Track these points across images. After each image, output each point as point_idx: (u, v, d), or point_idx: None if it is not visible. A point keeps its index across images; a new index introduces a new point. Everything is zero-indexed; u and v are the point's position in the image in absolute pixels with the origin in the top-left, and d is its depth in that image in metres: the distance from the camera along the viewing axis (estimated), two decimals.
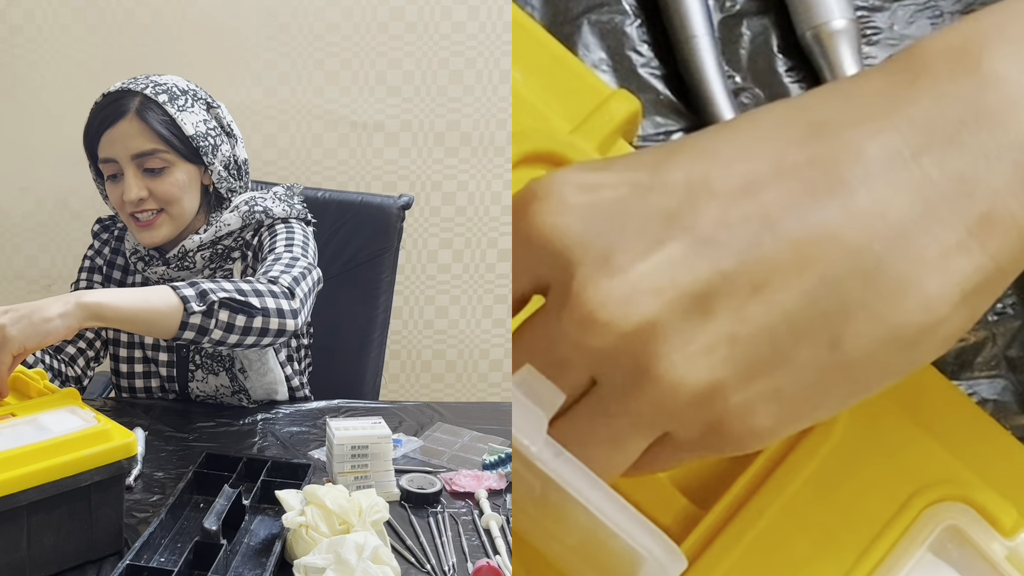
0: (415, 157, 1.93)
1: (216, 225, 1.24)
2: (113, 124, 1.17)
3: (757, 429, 0.46)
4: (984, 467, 0.60)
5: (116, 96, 1.19)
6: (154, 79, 1.21)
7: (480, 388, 2.09)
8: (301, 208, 1.29)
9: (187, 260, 1.24)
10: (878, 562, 0.58)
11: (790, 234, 0.44)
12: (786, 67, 0.75)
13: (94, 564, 0.87)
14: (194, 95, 1.23)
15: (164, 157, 1.18)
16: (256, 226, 1.25)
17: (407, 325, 2.03)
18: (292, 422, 1.22)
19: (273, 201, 1.26)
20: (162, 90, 1.20)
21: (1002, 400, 0.65)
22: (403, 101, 1.90)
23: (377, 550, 0.80)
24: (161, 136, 1.18)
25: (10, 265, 1.88)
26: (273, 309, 1.04)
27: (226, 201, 1.26)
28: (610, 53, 0.72)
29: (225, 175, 1.24)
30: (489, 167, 1.96)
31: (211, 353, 1.26)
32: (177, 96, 1.20)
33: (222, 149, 1.23)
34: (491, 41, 1.90)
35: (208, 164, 1.22)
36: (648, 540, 0.49)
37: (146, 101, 1.18)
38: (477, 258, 2.01)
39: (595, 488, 0.49)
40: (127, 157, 1.18)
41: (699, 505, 0.61)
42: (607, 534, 0.49)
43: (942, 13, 0.75)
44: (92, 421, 0.87)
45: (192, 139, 1.19)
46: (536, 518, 0.52)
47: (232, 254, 1.26)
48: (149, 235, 1.21)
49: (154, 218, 1.20)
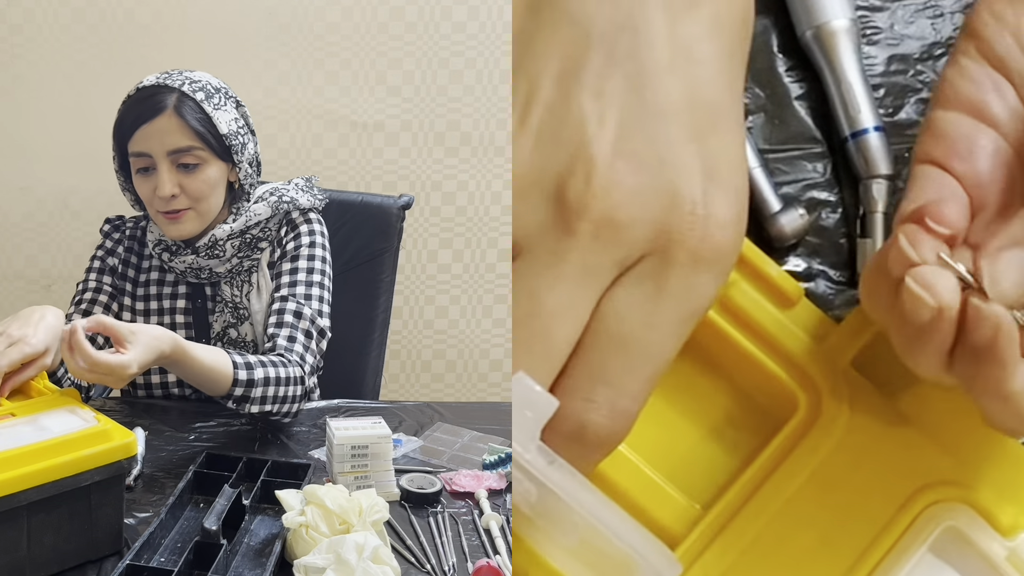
0: (415, 157, 1.93)
1: (246, 215, 1.26)
2: (151, 119, 1.18)
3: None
4: (984, 468, 0.60)
5: (152, 91, 1.19)
6: (188, 75, 1.22)
7: (480, 388, 2.09)
8: (321, 199, 1.33)
9: (217, 249, 1.25)
10: (878, 562, 0.58)
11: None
12: (786, 67, 0.75)
13: (94, 564, 0.87)
14: (226, 93, 1.24)
15: (198, 154, 1.19)
16: (283, 216, 1.29)
17: (407, 325, 2.02)
18: (292, 422, 1.21)
19: (297, 192, 1.30)
20: (198, 87, 1.20)
21: None
22: (403, 101, 1.90)
23: (377, 550, 0.80)
24: (198, 133, 1.19)
25: (10, 265, 1.88)
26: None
27: (245, 195, 1.27)
28: None
29: (249, 172, 1.26)
30: (489, 167, 1.96)
31: (234, 339, 1.27)
32: (212, 94, 1.21)
33: (248, 147, 1.25)
34: (491, 41, 1.90)
35: (237, 162, 1.24)
36: (642, 545, 0.49)
37: (183, 98, 1.19)
38: (477, 258, 2.01)
39: (588, 494, 0.49)
40: (163, 153, 1.18)
41: (700, 505, 0.61)
42: (602, 539, 0.49)
43: (942, 13, 0.75)
44: (92, 421, 0.87)
45: (225, 137, 1.21)
46: (534, 521, 0.52)
47: (260, 244, 1.28)
48: (177, 228, 1.22)
49: (181, 212, 1.21)
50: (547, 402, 0.50)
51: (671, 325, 0.54)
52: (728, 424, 0.65)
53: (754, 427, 0.64)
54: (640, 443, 0.62)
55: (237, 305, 1.27)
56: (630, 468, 0.62)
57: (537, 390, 0.49)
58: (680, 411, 0.65)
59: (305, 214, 1.30)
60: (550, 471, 0.49)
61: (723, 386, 0.66)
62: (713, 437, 0.65)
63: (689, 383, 0.65)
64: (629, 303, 0.54)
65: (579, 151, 0.54)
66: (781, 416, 0.62)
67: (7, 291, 1.88)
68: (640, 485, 0.61)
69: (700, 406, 0.65)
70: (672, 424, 0.65)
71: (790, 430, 0.61)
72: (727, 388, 0.66)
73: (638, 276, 0.54)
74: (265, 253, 1.29)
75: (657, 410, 0.64)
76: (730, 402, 0.65)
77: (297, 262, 1.27)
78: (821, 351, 0.63)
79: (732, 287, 0.63)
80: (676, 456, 0.64)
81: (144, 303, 1.30)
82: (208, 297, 1.30)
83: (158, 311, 1.30)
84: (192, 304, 1.30)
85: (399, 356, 2.03)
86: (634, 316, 0.54)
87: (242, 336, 1.28)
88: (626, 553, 0.49)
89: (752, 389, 0.65)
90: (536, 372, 0.51)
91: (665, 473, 0.63)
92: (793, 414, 0.62)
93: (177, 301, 1.30)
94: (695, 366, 0.65)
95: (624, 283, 0.54)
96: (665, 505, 0.61)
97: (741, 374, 0.65)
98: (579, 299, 0.53)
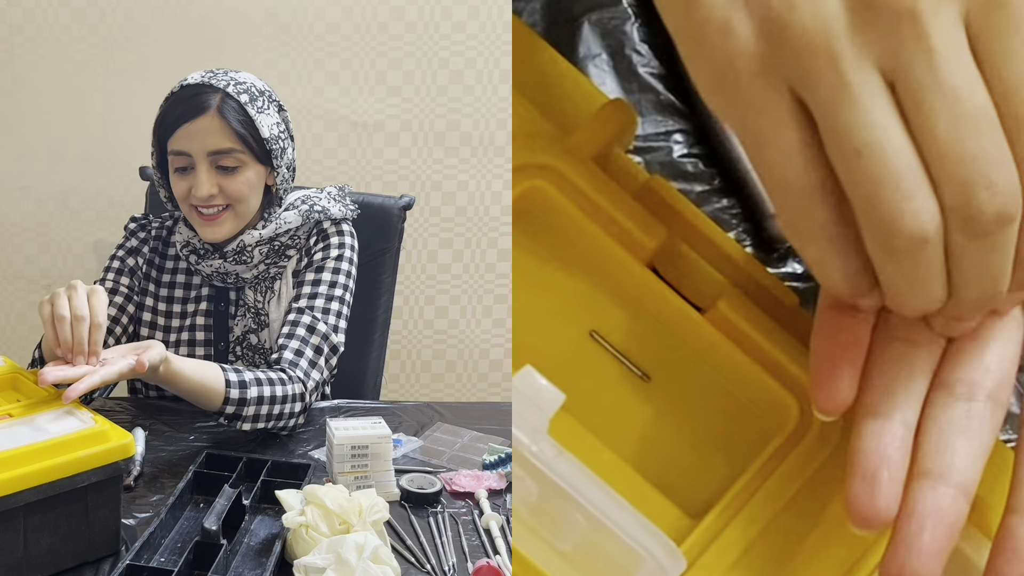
0: (415, 157, 1.93)
1: (276, 222, 1.25)
2: (193, 119, 1.17)
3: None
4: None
5: (196, 90, 1.19)
6: (233, 76, 1.21)
7: (480, 388, 2.09)
8: (353, 209, 1.32)
9: (244, 255, 1.25)
10: (872, 571, 0.58)
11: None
12: None
13: (91, 565, 0.87)
14: (269, 97, 1.23)
15: (239, 157, 1.19)
16: (314, 225, 1.28)
17: (407, 325, 2.02)
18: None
19: (329, 201, 1.29)
20: (243, 89, 1.20)
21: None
22: (403, 101, 1.90)
23: (377, 550, 0.80)
24: (239, 136, 1.18)
25: (10, 265, 1.88)
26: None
27: (278, 200, 1.27)
28: (610, 53, 0.72)
29: (287, 176, 1.26)
30: (489, 167, 1.96)
31: (253, 345, 1.27)
32: (256, 97, 1.20)
33: (287, 152, 1.24)
34: (491, 41, 1.89)
35: (276, 167, 1.23)
36: (648, 540, 0.49)
37: (226, 99, 1.18)
38: (477, 258, 2.01)
39: (594, 487, 0.49)
40: (203, 153, 1.18)
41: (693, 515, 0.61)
42: (605, 536, 0.49)
43: None
44: (89, 422, 0.87)
45: (266, 141, 1.20)
46: (532, 526, 0.52)
47: (287, 251, 1.28)
48: (212, 230, 1.22)
49: (219, 214, 1.21)
50: (554, 395, 0.50)
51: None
52: (722, 432, 0.65)
53: (749, 435, 0.64)
54: (633, 452, 0.62)
55: (259, 311, 1.27)
56: (624, 477, 0.61)
57: (544, 384, 0.49)
58: (674, 420, 0.65)
59: (337, 225, 1.29)
60: (557, 463, 0.49)
61: (717, 394, 0.65)
62: (707, 446, 0.65)
63: (683, 391, 0.65)
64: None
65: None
66: (775, 424, 0.62)
67: (7, 291, 1.88)
68: (634, 495, 0.61)
69: (694, 415, 0.65)
70: (665, 433, 0.64)
71: (784, 438, 0.61)
72: (721, 396, 0.65)
73: None
74: (292, 261, 1.28)
75: (650, 419, 0.64)
76: (725, 410, 0.65)
77: (321, 274, 1.26)
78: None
79: (726, 295, 0.63)
80: (670, 465, 0.64)
81: (167, 304, 1.30)
82: (231, 302, 1.29)
83: (180, 313, 1.30)
84: (215, 307, 1.29)
85: (399, 356, 2.03)
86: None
87: (261, 342, 1.27)
88: (630, 548, 0.49)
89: (746, 397, 0.64)
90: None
91: (658, 483, 0.62)
92: (787, 422, 0.61)
93: (200, 303, 1.30)
94: (689, 374, 0.65)
95: None
96: (659, 515, 0.61)
97: (735, 382, 0.64)
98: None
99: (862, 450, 0.51)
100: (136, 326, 1.30)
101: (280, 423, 1.13)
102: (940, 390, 0.53)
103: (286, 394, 1.12)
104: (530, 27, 0.68)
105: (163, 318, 1.29)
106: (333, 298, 1.24)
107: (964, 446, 0.51)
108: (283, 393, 1.12)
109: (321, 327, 1.21)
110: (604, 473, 0.58)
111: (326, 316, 1.22)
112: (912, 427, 0.52)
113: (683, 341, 0.64)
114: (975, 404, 0.52)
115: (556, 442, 0.50)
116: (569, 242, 0.64)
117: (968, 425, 0.51)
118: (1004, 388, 0.53)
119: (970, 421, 0.52)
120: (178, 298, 1.30)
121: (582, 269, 0.64)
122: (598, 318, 0.64)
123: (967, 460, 0.51)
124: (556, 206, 0.63)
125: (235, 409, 1.08)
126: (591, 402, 0.62)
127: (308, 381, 1.16)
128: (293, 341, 1.19)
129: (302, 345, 1.18)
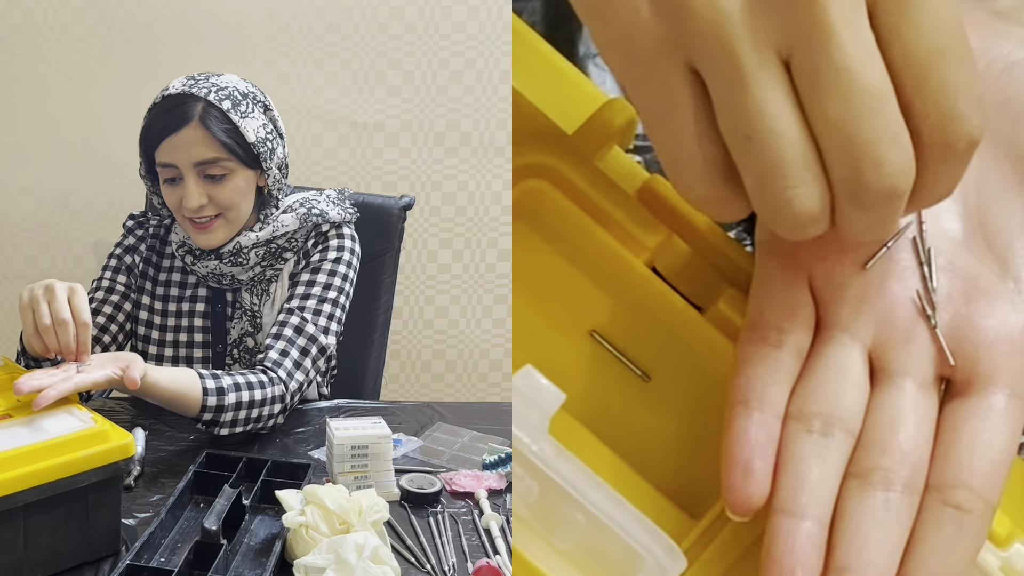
0: (415, 157, 1.93)
1: (273, 225, 1.25)
2: (176, 131, 1.16)
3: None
4: None
5: (178, 101, 1.17)
6: (215, 81, 1.20)
7: (480, 388, 2.09)
8: (352, 212, 1.31)
9: (240, 256, 1.25)
10: None
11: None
12: None
13: (91, 565, 0.87)
14: (254, 98, 1.22)
15: (225, 165, 1.18)
16: (311, 228, 1.27)
17: (407, 325, 2.02)
18: (292, 422, 1.21)
19: (328, 204, 1.28)
20: (225, 95, 1.18)
21: None
22: (403, 101, 1.90)
23: (377, 550, 0.80)
24: (224, 145, 1.17)
25: (10, 265, 1.88)
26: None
27: (274, 201, 1.26)
28: None
29: (279, 176, 1.25)
30: (489, 167, 1.96)
31: (250, 348, 1.27)
32: (239, 101, 1.19)
33: (277, 152, 1.24)
34: (491, 41, 1.89)
35: (266, 169, 1.22)
36: (648, 539, 0.49)
37: (208, 107, 1.17)
38: (477, 258, 2.01)
39: (595, 486, 0.49)
40: (189, 164, 1.17)
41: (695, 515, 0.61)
42: (605, 535, 0.49)
43: None
44: (89, 422, 0.87)
45: (253, 146, 1.19)
46: (533, 525, 0.52)
47: (284, 254, 1.27)
48: (206, 238, 1.21)
49: (211, 222, 1.20)
50: (554, 394, 0.50)
51: None
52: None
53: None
54: (633, 452, 0.62)
55: (255, 314, 1.27)
56: (624, 477, 0.61)
57: (544, 383, 0.49)
58: (674, 420, 0.65)
59: (338, 228, 1.28)
60: (558, 463, 0.49)
61: (717, 394, 0.65)
62: (707, 446, 0.64)
63: (683, 391, 0.65)
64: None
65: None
66: None
67: (7, 291, 1.88)
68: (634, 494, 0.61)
69: (694, 415, 0.65)
70: (665, 433, 0.64)
71: None
72: (721, 396, 0.65)
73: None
74: (288, 264, 1.28)
75: (651, 419, 0.64)
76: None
77: (316, 275, 1.25)
78: None
79: (726, 295, 0.63)
80: (670, 465, 0.63)
81: (163, 303, 1.30)
82: (228, 303, 1.29)
83: (176, 313, 1.30)
84: (212, 309, 1.29)
85: (399, 356, 2.03)
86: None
87: (258, 345, 1.27)
88: (630, 548, 0.49)
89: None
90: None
91: (658, 482, 0.62)
92: None
93: (196, 304, 1.30)
94: (689, 375, 0.65)
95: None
96: (659, 514, 0.61)
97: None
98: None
99: (775, 552, 0.50)
100: (134, 324, 1.30)
101: (259, 424, 1.14)
102: (855, 479, 0.51)
103: (265, 397, 1.12)
104: (530, 27, 0.68)
105: (160, 317, 1.30)
106: (326, 300, 1.23)
107: (882, 538, 0.50)
108: (262, 396, 1.12)
109: (310, 328, 1.20)
110: (604, 473, 0.57)
111: (316, 317, 1.22)
112: (826, 524, 0.51)
113: (683, 341, 0.64)
114: (892, 494, 0.50)
115: (556, 441, 0.50)
116: (569, 242, 0.64)
117: (886, 517, 0.50)
118: (920, 471, 0.51)
119: (888, 513, 0.50)
120: (174, 297, 1.30)
121: (582, 269, 0.64)
122: (598, 318, 0.64)
123: (884, 553, 0.49)
124: (556, 206, 0.63)
125: (212, 416, 1.09)
126: (591, 402, 0.62)
127: (290, 382, 1.16)
128: (280, 342, 1.19)
129: (288, 346, 1.18)
